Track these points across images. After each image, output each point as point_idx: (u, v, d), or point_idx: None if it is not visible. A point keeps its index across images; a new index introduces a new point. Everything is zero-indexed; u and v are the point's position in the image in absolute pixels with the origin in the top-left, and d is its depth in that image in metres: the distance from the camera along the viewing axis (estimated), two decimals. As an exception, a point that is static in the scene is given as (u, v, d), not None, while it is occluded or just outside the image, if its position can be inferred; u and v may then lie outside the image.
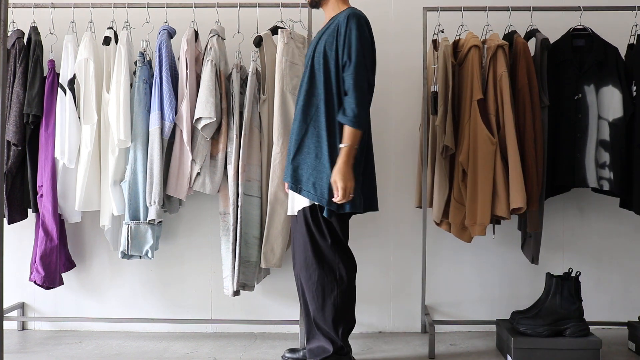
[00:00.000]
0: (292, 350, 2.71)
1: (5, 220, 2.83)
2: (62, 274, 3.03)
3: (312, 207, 2.43)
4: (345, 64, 2.35)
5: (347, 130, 2.31)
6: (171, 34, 2.93)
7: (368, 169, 2.48)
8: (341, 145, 2.31)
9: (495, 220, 2.85)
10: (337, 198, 2.29)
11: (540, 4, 2.98)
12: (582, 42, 2.91)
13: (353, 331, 2.56)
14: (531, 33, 2.92)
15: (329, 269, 2.43)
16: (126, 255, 2.88)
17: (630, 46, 2.93)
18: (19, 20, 3.00)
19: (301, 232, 2.46)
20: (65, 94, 2.89)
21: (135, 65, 2.91)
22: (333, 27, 2.42)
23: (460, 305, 3.24)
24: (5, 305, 3.08)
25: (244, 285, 2.86)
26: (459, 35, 2.98)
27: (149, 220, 2.85)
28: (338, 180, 2.28)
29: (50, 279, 2.95)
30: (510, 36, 2.88)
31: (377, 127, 3.12)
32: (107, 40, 2.93)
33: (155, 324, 3.19)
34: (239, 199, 2.82)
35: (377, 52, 2.49)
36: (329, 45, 2.39)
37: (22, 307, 3.25)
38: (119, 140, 2.82)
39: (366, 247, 3.20)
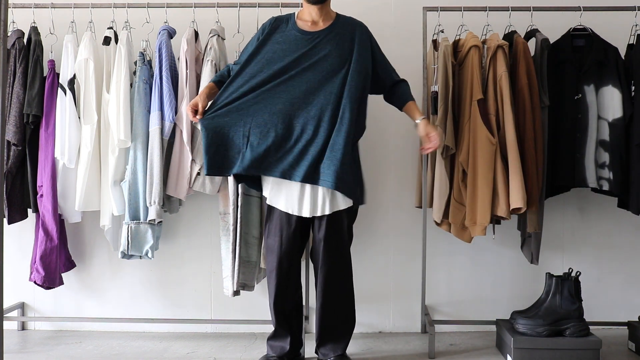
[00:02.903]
0: None
1: (5, 220, 2.83)
2: (62, 274, 3.03)
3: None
4: (382, 63, 2.60)
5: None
6: (171, 34, 2.93)
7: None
8: (424, 117, 2.56)
9: (495, 220, 2.85)
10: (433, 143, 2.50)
11: (540, 4, 2.98)
12: (582, 42, 2.91)
13: (353, 331, 2.65)
14: (531, 33, 2.92)
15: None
16: (126, 255, 2.88)
17: (630, 46, 2.93)
18: (19, 20, 3.00)
19: (343, 230, 2.53)
20: (65, 94, 2.89)
21: (135, 65, 2.91)
22: (356, 37, 2.50)
23: (460, 305, 3.23)
24: (5, 305, 3.08)
25: (244, 285, 2.86)
26: (459, 35, 2.98)
27: (149, 220, 2.85)
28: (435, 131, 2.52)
29: (50, 279, 2.95)
30: (510, 36, 2.88)
31: (378, 126, 3.14)
32: (107, 40, 2.93)
33: (155, 324, 3.19)
34: (239, 199, 2.82)
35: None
36: (366, 58, 2.52)
37: (22, 307, 3.25)
38: (119, 140, 2.82)
39: (366, 247, 3.21)
